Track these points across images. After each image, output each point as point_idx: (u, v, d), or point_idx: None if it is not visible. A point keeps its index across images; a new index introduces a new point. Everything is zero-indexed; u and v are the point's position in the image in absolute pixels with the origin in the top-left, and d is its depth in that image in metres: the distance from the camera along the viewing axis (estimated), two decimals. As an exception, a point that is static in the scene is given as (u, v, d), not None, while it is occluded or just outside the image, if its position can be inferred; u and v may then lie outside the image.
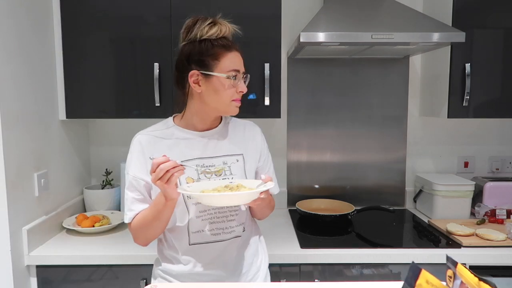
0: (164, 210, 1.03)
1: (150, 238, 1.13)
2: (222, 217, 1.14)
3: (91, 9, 1.64)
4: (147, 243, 1.14)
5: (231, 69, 1.07)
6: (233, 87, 1.08)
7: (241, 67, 1.10)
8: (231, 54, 1.07)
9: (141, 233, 1.12)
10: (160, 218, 1.05)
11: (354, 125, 2.07)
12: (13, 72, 1.40)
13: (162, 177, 0.93)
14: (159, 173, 0.93)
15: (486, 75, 1.72)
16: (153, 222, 1.07)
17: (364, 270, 1.50)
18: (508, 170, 2.10)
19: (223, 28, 1.08)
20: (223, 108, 1.11)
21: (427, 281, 0.65)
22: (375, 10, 1.67)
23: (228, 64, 1.07)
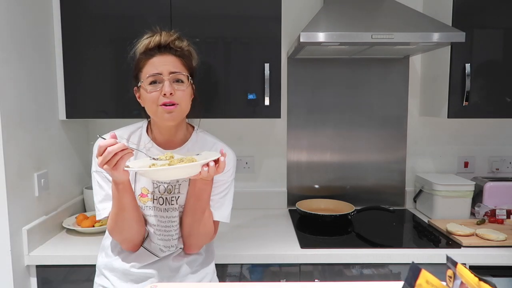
0: (120, 197, 1.00)
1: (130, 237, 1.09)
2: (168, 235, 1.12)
3: (91, 9, 1.64)
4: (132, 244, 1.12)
5: (149, 74, 1.04)
6: (154, 91, 1.04)
7: (164, 69, 1.04)
8: (152, 60, 1.06)
9: (118, 231, 1.08)
10: (123, 207, 1.02)
11: (354, 125, 2.07)
12: (13, 72, 1.40)
13: (110, 160, 0.89)
14: (107, 156, 0.88)
15: (486, 75, 1.72)
16: (119, 214, 1.04)
17: (364, 270, 1.50)
18: (508, 170, 2.10)
19: (154, 38, 1.08)
20: (155, 116, 1.07)
21: (427, 281, 0.65)
22: (375, 10, 1.67)
23: (148, 70, 1.05)
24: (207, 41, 1.64)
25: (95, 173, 1.12)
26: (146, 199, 1.11)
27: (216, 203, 1.14)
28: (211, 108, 1.67)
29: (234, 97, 1.68)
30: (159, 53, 1.06)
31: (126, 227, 1.07)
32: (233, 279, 1.49)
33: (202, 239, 1.15)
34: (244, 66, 1.67)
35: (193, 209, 1.09)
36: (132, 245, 1.13)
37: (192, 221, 1.10)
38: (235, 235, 1.65)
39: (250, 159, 2.09)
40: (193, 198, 1.07)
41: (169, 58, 1.06)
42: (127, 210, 1.04)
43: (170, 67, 1.05)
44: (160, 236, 1.12)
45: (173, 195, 1.11)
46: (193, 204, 1.08)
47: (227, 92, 1.67)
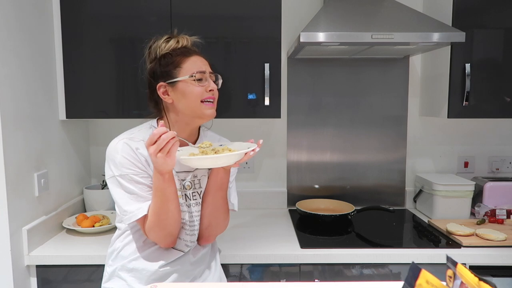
0: (165, 187, 1.01)
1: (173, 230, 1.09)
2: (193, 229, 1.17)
3: (91, 9, 1.64)
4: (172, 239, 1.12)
5: (194, 71, 1.09)
6: (201, 87, 1.09)
7: (206, 68, 1.12)
8: (192, 58, 1.11)
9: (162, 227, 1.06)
10: (168, 198, 1.02)
11: (354, 125, 2.07)
12: (13, 72, 1.40)
13: (164, 148, 0.92)
14: (161, 143, 0.91)
15: (486, 75, 1.72)
16: (163, 207, 1.03)
17: (364, 270, 1.50)
18: (508, 170, 2.10)
19: (181, 40, 1.14)
20: (196, 112, 1.10)
21: (427, 281, 0.65)
22: (375, 10, 1.67)
23: (190, 67, 1.10)
24: (207, 41, 1.64)
25: (118, 178, 1.07)
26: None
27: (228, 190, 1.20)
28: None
29: (234, 97, 1.68)
30: (194, 52, 1.13)
31: (171, 219, 1.06)
32: (233, 279, 1.49)
33: (220, 229, 1.20)
34: (244, 66, 1.67)
35: (215, 199, 1.14)
36: (173, 240, 1.12)
37: (213, 211, 1.15)
38: (235, 235, 1.65)
39: (250, 159, 2.09)
40: (215, 188, 1.13)
41: (205, 60, 1.14)
42: (171, 201, 1.04)
43: (208, 67, 1.13)
44: (188, 231, 1.15)
45: (194, 190, 1.16)
46: (215, 194, 1.14)
47: (227, 92, 1.67)
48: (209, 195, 1.15)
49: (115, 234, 1.24)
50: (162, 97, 1.11)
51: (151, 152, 0.93)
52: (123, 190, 1.08)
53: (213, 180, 1.13)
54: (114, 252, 1.21)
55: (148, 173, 1.09)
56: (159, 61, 1.12)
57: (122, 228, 1.20)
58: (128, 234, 1.19)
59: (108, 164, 1.10)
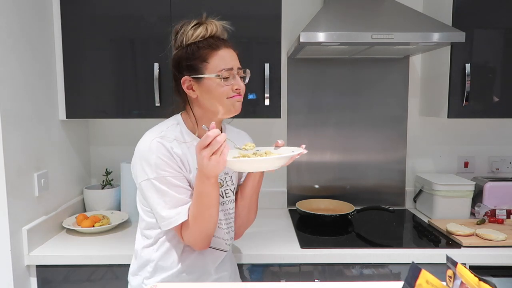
0: (211, 192, 0.97)
1: (211, 233, 1.06)
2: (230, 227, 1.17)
3: (91, 9, 1.64)
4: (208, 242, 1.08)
5: (221, 69, 1.03)
6: (227, 86, 1.04)
7: (234, 64, 1.05)
8: (220, 53, 1.03)
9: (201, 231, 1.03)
10: (211, 203, 0.99)
11: (354, 125, 2.07)
12: (13, 72, 1.40)
13: (217, 150, 0.88)
14: (215, 146, 0.87)
15: (486, 75, 1.72)
16: (206, 212, 1.00)
17: (364, 270, 1.50)
18: (508, 170, 2.10)
19: (210, 27, 1.05)
20: (222, 108, 1.06)
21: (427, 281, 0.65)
22: (375, 10, 1.67)
23: (218, 63, 1.03)
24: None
25: (154, 180, 1.02)
26: None
27: None
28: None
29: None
30: (224, 45, 1.05)
31: (212, 223, 1.03)
32: (233, 279, 1.49)
33: (249, 225, 1.25)
34: (244, 66, 1.67)
35: (251, 201, 1.17)
36: (208, 242, 1.09)
37: (248, 212, 1.19)
38: (235, 235, 1.65)
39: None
40: (251, 192, 1.15)
41: (233, 52, 1.07)
42: (214, 206, 1.00)
43: (236, 62, 1.07)
44: (226, 230, 1.15)
45: (227, 187, 1.14)
46: (251, 196, 1.16)
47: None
48: (247, 198, 1.16)
49: (140, 243, 1.15)
50: (187, 91, 1.07)
51: (204, 155, 0.88)
52: (159, 193, 1.03)
53: (250, 185, 1.14)
54: (147, 265, 1.12)
55: (183, 175, 1.05)
56: (186, 51, 1.05)
57: (153, 236, 1.12)
58: (163, 242, 1.11)
59: (141, 165, 1.04)
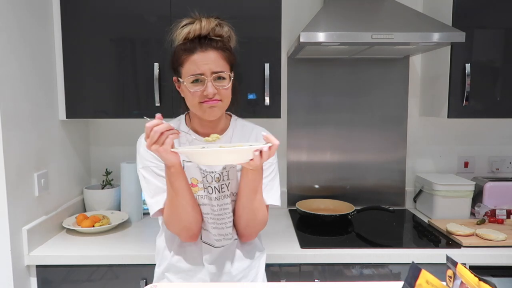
0: (173, 181, 1.00)
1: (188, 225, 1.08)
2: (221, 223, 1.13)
3: (91, 9, 1.64)
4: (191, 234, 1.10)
5: (190, 74, 1.03)
6: (195, 91, 1.04)
7: (206, 69, 1.02)
8: (193, 57, 1.03)
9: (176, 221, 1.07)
10: (177, 192, 1.02)
11: (354, 125, 2.07)
12: (13, 72, 1.40)
13: (157, 140, 0.91)
14: (154, 136, 0.91)
15: (486, 75, 1.72)
16: (174, 200, 1.03)
17: (364, 270, 1.50)
18: (508, 170, 2.10)
19: (196, 27, 1.05)
20: (197, 112, 1.08)
21: (427, 281, 0.65)
22: (375, 10, 1.67)
23: (189, 68, 1.04)
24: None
25: (142, 170, 1.11)
26: (197, 188, 1.11)
27: (266, 186, 1.14)
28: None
29: (234, 97, 1.67)
30: (200, 48, 1.03)
31: (183, 213, 1.06)
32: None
33: (259, 227, 1.16)
34: (244, 66, 1.67)
35: (249, 200, 1.08)
36: (192, 234, 1.11)
37: (249, 211, 1.10)
38: (235, 235, 1.65)
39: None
40: (247, 189, 1.06)
41: (210, 55, 1.03)
42: (181, 195, 1.03)
43: (212, 66, 1.03)
44: (213, 224, 1.12)
45: (222, 183, 1.12)
46: (248, 195, 1.07)
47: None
48: (243, 198, 1.08)
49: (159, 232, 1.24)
50: (178, 90, 1.12)
51: (146, 145, 0.93)
52: (146, 182, 1.10)
53: (243, 182, 1.06)
54: (159, 252, 1.21)
55: None
56: (173, 53, 1.09)
57: (160, 224, 1.20)
58: (165, 230, 1.18)
59: (137, 157, 1.13)
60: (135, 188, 1.85)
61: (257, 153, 0.93)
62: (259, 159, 0.93)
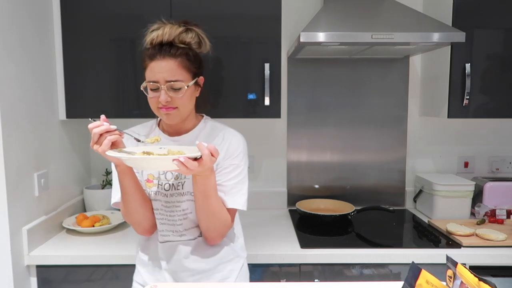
0: (121, 180, 1.06)
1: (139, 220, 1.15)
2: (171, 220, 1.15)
3: (91, 9, 1.64)
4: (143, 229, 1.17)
5: (148, 80, 1.07)
6: (154, 97, 1.07)
7: (161, 77, 1.04)
8: (151, 64, 1.06)
9: (127, 214, 1.15)
10: (125, 189, 1.08)
11: (354, 125, 2.07)
12: (13, 72, 1.40)
13: (97, 141, 0.96)
14: (94, 137, 0.96)
15: (486, 75, 1.72)
16: (124, 196, 1.10)
17: (364, 270, 1.50)
18: (508, 170, 2.10)
19: (159, 33, 1.07)
20: (158, 116, 1.13)
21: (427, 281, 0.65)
22: (375, 10, 1.67)
23: (148, 74, 1.08)
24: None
25: (112, 164, 1.14)
26: (152, 184, 1.15)
27: (231, 189, 1.12)
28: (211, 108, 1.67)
29: (234, 97, 1.68)
30: (159, 55, 1.05)
31: (132, 210, 1.12)
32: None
33: (221, 230, 1.13)
34: (244, 66, 1.67)
35: (203, 203, 1.06)
36: (142, 229, 1.18)
37: (206, 216, 1.09)
38: (235, 235, 1.65)
39: (250, 159, 2.07)
40: (198, 193, 1.05)
41: (167, 64, 1.05)
42: (129, 193, 1.09)
43: (166, 75, 1.05)
44: (162, 220, 1.15)
45: (179, 181, 1.13)
46: (201, 199, 1.05)
47: (227, 92, 1.67)
48: (197, 201, 1.07)
49: None
50: None
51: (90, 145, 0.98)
52: (113, 176, 1.17)
53: (194, 186, 1.04)
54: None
55: None
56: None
57: None
58: None
59: None
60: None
61: (176, 162, 0.89)
62: (184, 169, 0.90)
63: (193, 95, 1.12)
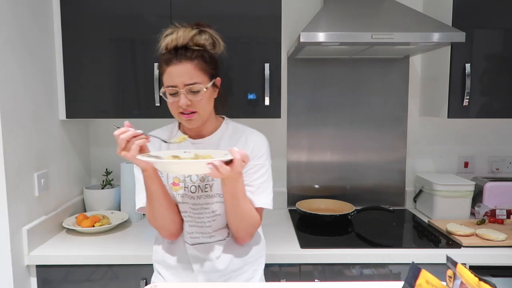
0: (148, 185, 1.06)
1: (166, 225, 1.14)
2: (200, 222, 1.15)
3: (91, 9, 1.64)
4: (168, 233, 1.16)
5: (167, 85, 1.08)
6: (174, 102, 1.08)
7: (179, 81, 1.05)
8: (168, 69, 1.07)
9: (153, 219, 1.14)
10: (152, 195, 1.08)
11: (354, 125, 2.07)
12: (13, 72, 1.40)
13: (125, 147, 0.96)
14: (121, 143, 0.96)
15: (486, 75, 1.72)
16: (151, 202, 1.10)
17: (364, 270, 1.50)
18: (508, 170, 2.10)
19: (173, 37, 1.07)
20: (179, 120, 1.14)
21: (427, 281, 0.65)
22: (375, 10, 1.67)
23: (166, 79, 1.08)
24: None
25: (134, 167, 1.17)
26: (178, 187, 1.15)
27: (258, 188, 1.14)
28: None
29: (234, 97, 1.68)
30: (176, 60, 1.05)
31: (158, 214, 1.12)
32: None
33: (250, 230, 1.15)
34: (244, 66, 1.67)
35: (233, 205, 1.08)
36: (168, 233, 1.17)
37: (236, 217, 1.11)
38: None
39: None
40: (228, 196, 1.07)
41: (184, 67, 1.05)
42: (155, 198, 1.09)
43: (185, 78, 1.05)
44: (191, 223, 1.15)
45: (207, 183, 1.14)
46: (230, 201, 1.08)
47: (227, 92, 1.67)
48: (227, 203, 1.09)
49: None
50: None
51: (117, 151, 0.98)
52: (136, 179, 1.19)
53: (223, 189, 1.07)
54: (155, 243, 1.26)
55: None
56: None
57: None
58: None
59: None
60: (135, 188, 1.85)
61: (211, 166, 0.90)
62: (216, 173, 0.91)
63: (211, 96, 1.13)
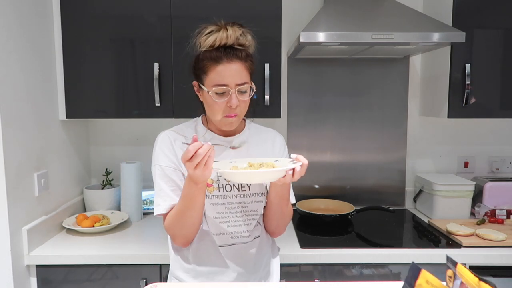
0: (196, 196, 1.00)
1: (188, 234, 1.10)
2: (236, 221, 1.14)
3: (91, 9, 1.64)
4: (186, 241, 1.12)
5: (215, 84, 1.03)
6: (220, 102, 1.04)
7: (231, 81, 1.03)
8: (218, 68, 1.03)
9: (178, 228, 1.08)
10: (194, 206, 1.02)
11: (354, 125, 2.07)
12: (13, 72, 1.40)
13: (200, 162, 0.90)
14: (197, 159, 0.89)
15: (486, 75, 1.72)
16: (187, 212, 1.04)
17: (364, 270, 1.50)
18: (508, 170, 2.10)
19: (223, 36, 1.03)
20: (216, 122, 1.10)
21: (427, 281, 0.65)
22: (375, 10, 1.67)
23: (214, 78, 1.03)
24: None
25: (158, 167, 1.11)
26: (212, 188, 1.12)
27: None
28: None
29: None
30: (226, 58, 1.03)
31: (190, 225, 1.07)
32: (233, 279, 1.49)
33: (287, 222, 1.23)
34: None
35: (279, 206, 1.14)
36: (185, 242, 1.13)
37: (280, 215, 1.17)
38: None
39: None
40: (278, 198, 1.12)
41: (235, 66, 1.04)
42: (197, 210, 1.04)
43: (237, 78, 1.04)
44: (229, 223, 1.13)
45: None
46: (279, 203, 1.14)
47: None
48: (274, 205, 1.14)
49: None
50: (197, 93, 1.13)
51: (187, 167, 0.91)
52: (155, 181, 1.12)
53: (274, 192, 1.11)
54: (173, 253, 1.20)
55: (179, 169, 1.10)
56: (196, 58, 1.08)
57: None
58: None
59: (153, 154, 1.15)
60: (135, 188, 1.85)
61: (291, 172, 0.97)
62: (290, 177, 0.97)
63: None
